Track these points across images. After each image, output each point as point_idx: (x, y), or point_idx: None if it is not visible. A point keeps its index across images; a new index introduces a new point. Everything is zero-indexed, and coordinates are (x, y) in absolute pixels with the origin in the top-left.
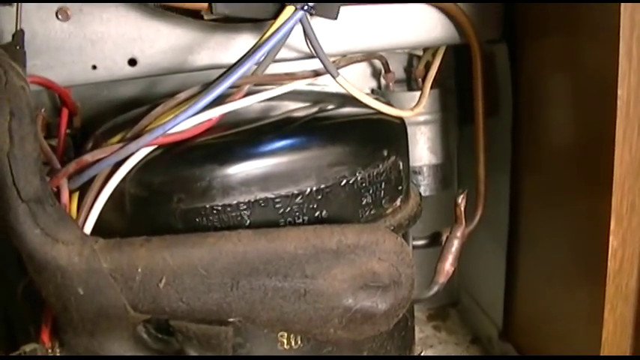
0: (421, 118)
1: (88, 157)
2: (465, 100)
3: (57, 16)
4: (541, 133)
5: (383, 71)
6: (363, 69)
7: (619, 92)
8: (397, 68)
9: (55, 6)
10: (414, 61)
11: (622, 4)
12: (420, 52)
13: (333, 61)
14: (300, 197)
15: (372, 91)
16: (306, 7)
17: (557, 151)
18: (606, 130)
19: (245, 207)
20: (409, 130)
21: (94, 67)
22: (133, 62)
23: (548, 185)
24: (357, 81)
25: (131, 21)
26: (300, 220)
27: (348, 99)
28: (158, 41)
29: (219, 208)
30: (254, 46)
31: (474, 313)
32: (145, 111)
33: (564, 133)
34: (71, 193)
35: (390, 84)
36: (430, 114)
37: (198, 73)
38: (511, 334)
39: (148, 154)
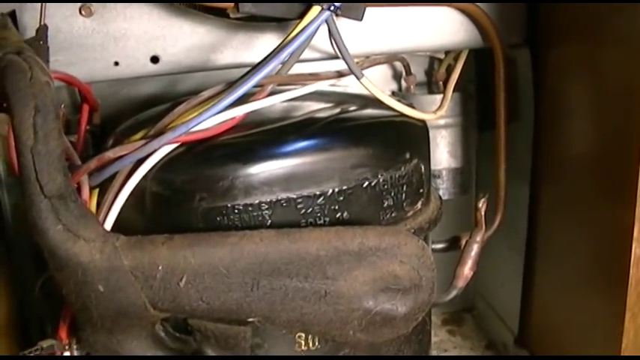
0: (442, 122)
1: (110, 154)
2: (484, 105)
3: (80, 12)
4: (562, 140)
5: (404, 73)
6: (383, 71)
7: None
8: (418, 71)
9: (79, 2)
10: (435, 64)
11: None
12: (441, 55)
13: (357, 62)
14: (322, 198)
15: (393, 93)
16: (332, 8)
17: (578, 158)
18: (631, 138)
19: (267, 207)
20: (430, 133)
21: (116, 64)
22: (155, 60)
23: (568, 192)
24: (377, 83)
25: (154, 18)
26: (322, 221)
27: (370, 100)
28: (181, 39)
29: (241, 207)
30: (279, 45)
31: (490, 319)
32: (168, 108)
33: (586, 140)
34: (91, 189)
35: (411, 86)
36: (451, 118)
37: (218, 72)
38: (527, 341)
39: (170, 152)
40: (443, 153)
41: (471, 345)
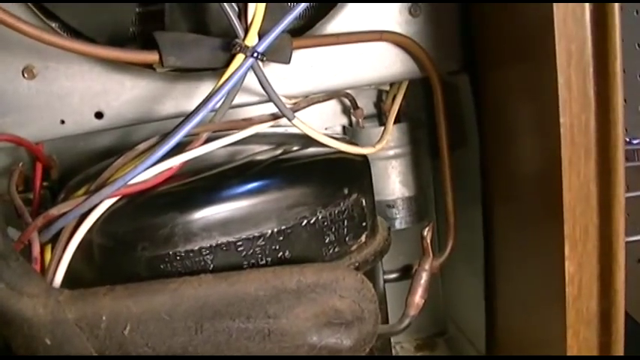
0: (391, 152)
1: (54, 211)
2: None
3: (23, 74)
4: (508, 162)
5: (351, 108)
6: (332, 107)
7: (561, 120)
8: (367, 104)
9: (21, 65)
10: (384, 96)
11: (556, 35)
12: (387, 87)
13: (295, 103)
14: (261, 239)
15: (344, 127)
16: (255, 55)
17: (522, 179)
18: (555, 158)
19: (207, 252)
20: (380, 165)
21: (63, 122)
22: (99, 115)
23: (517, 213)
24: (328, 119)
25: (95, 75)
26: (264, 262)
27: (312, 139)
28: (123, 93)
29: (183, 254)
30: (208, 95)
31: (460, 342)
32: (109, 163)
33: (527, 161)
34: (44, 245)
35: (360, 120)
36: (400, 147)
37: (174, 120)
38: None
39: (113, 205)
40: (395, 183)
41: None
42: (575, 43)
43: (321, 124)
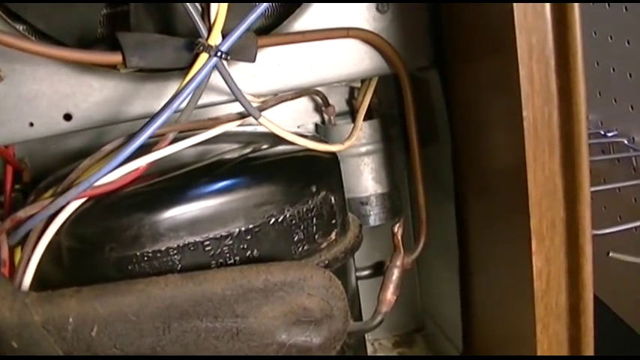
0: (363, 149)
1: (22, 214)
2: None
3: None
4: (479, 157)
5: (322, 106)
6: (305, 105)
7: (524, 113)
8: (339, 101)
9: None
10: (356, 93)
11: (516, 28)
12: (359, 84)
13: (263, 101)
14: (229, 239)
15: (316, 125)
16: (219, 54)
17: (493, 174)
18: (520, 153)
19: (175, 252)
20: (352, 162)
21: (31, 125)
22: (68, 117)
23: (489, 209)
24: (300, 117)
25: (63, 77)
26: (232, 261)
27: (281, 138)
28: (91, 95)
29: (150, 254)
30: (172, 96)
31: (438, 338)
32: (76, 164)
33: (496, 156)
34: (14, 248)
35: (331, 117)
36: (372, 144)
37: (144, 120)
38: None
39: (80, 206)
40: (368, 180)
41: None
42: (536, 35)
43: (294, 122)
